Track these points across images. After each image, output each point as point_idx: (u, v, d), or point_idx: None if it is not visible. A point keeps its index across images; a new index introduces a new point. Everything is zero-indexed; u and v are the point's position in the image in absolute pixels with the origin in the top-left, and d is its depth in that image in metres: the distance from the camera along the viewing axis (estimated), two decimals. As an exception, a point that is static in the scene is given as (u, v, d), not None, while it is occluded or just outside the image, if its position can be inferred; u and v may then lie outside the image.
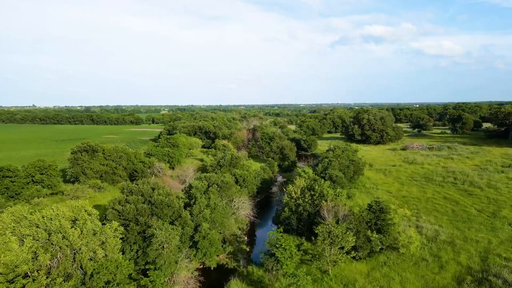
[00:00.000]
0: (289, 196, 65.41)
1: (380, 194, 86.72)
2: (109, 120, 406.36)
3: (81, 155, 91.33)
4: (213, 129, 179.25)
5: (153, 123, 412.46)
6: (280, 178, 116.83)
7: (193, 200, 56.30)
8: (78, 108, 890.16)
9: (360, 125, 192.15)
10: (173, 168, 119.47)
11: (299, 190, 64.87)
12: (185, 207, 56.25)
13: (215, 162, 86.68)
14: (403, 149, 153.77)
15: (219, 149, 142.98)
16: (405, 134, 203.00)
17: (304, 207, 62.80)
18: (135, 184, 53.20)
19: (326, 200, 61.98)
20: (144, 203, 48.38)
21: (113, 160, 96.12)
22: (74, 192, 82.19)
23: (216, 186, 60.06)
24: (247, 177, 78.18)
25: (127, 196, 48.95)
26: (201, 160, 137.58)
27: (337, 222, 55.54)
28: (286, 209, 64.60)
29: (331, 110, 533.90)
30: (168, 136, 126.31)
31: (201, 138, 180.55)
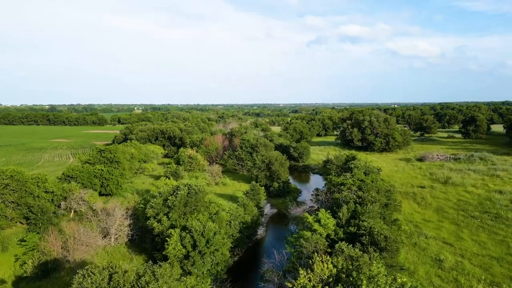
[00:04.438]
0: (303, 302, 29.58)
1: (436, 249, 52.69)
2: (68, 121, 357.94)
3: None
4: (179, 134, 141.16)
5: (119, 123, 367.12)
6: (268, 209, 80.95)
7: None
8: (47, 106, 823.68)
9: (360, 128, 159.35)
10: (110, 195, 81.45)
11: (324, 290, 29.13)
12: None
13: (160, 201, 49.40)
14: (420, 159, 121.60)
15: (183, 161, 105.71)
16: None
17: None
18: None
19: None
20: None
21: (-9, 193, 57.47)
22: None
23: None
24: (214, 234, 41.79)
25: None
26: (158, 178, 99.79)
27: None
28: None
29: (313, 110, 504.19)
30: (104, 148, 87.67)
31: (164, 145, 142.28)
